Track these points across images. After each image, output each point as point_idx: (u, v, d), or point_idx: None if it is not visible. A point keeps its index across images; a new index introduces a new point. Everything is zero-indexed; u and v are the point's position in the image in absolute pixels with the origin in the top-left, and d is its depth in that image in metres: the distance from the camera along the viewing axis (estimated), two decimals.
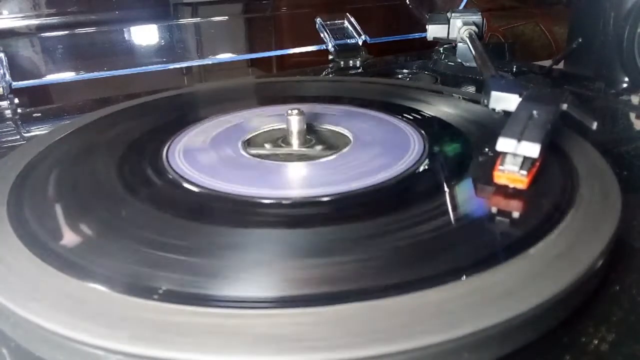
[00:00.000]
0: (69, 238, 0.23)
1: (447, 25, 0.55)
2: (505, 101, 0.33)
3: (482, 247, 0.22)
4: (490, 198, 0.26)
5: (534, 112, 0.28)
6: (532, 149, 0.25)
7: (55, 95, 0.58)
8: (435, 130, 0.34)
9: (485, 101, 0.35)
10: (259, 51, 0.69)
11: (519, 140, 0.25)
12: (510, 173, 0.26)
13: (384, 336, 0.17)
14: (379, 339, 0.17)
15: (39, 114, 0.48)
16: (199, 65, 0.67)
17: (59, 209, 0.26)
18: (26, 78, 0.53)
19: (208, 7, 0.65)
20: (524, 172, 0.25)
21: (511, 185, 0.26)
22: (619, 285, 0.22)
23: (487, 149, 0.30)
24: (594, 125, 0.29)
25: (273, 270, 0.21)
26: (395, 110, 0.38)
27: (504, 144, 0.26)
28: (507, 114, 0.33)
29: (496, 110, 0.34)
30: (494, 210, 0.25)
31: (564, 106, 0.30)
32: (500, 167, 0.26)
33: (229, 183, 0.27)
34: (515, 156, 0.26)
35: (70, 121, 0.39)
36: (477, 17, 0.54)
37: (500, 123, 0.27)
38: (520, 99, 0.31)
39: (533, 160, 0.26)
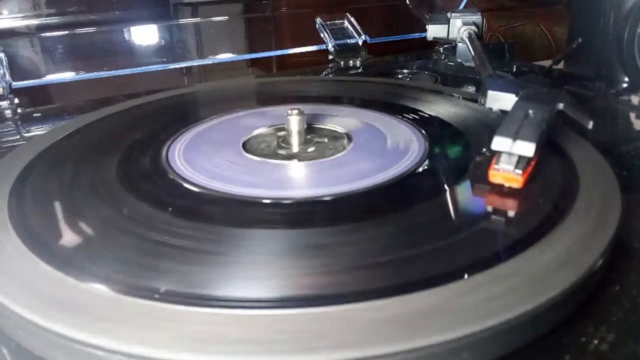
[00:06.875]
0: (70, 238, 0.23)
1: (447, 25, 0.55)
2: (502, 100, 0.33)
3: (480, 246, 0.22)
4: (485, 197, 0.26)
5: (530, 111, 0.28)
6: (527, 148, 0.25)
7: (55, 95, 0.58)
8: (435, 131, 0.34)
9: (482, 100, 0.35)
10: (259, 51, 0.69)
11: (514, 139, 0.25)
12: (506, 172, 0.26)
13: (383, 336, 0.17)
14: (379, 339, 0.17)
15: (39, 114, 0.48)
16: (199, 65, 0.67)
17: (59, 209, 0.26)
18: (26, 78, 0.53)
19: (208, 7, 0.65)
20: (519, 171, 0.25)
21: (506, 185, 0.26)
22: (619, 285, 0.22)
23: (484, 149, 0.30)
24: (590, 125, 0.29)
25: (272, 270, 0.21)
26: (395, 110, 0.38)
27: (499, 143, 0.26)
28: (504, 113, 0.33)
29: (493, 110, 0.34)
30: (489, 209, 0.25)
31: (561, 106, 0.30)
32: (496, 166, 0.26)
33: (229, 183, 0.27)
34: (511, 155, 0.26)
35: (71, 121, 0.39)
36: (477, 17, 0.54)
37: (499, 122, 0.27)
38: (517, 99, 0.31)
39: (528, 160, 0.26)
